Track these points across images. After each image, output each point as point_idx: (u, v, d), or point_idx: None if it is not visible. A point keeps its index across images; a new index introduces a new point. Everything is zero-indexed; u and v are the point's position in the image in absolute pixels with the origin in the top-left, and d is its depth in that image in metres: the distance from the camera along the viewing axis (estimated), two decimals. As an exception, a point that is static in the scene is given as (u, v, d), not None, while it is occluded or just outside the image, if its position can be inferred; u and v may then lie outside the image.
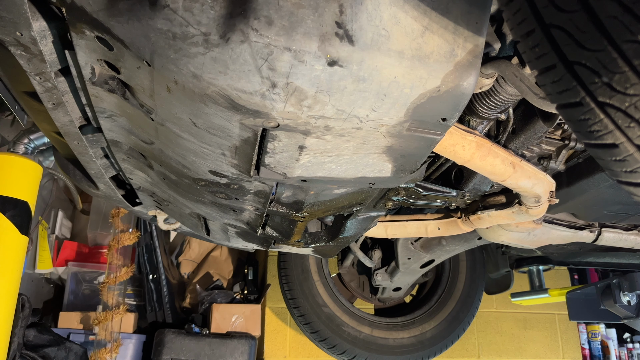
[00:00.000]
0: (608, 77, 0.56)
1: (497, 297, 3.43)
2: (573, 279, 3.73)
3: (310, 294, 2.63)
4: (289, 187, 1.17)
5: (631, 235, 1.82)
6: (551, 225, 1.75)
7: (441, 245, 2.19)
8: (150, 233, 3.12)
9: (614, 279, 2.20)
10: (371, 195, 1.30)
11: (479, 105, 1.13)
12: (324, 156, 0.96)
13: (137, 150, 1.21)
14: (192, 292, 3.22)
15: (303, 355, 3.07)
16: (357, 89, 0.78)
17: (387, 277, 2.60)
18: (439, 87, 0.81)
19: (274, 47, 0.71)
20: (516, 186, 1.30)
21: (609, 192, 1.46)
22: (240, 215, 1.40)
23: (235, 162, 1.01)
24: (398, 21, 0.74)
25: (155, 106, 0.91)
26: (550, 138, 1.44)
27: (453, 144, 1.11)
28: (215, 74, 0.75)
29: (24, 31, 0.78)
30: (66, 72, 0.92)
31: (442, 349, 2.72)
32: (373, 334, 2.65)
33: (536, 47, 0.63)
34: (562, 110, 0.65)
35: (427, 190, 1.46)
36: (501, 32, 0.95)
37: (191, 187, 1.24)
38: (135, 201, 1.61)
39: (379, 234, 1.84)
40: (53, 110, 1.02)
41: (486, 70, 0.98)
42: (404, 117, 0.86)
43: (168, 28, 0.71)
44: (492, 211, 1.55)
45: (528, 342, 3.50)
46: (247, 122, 0.85)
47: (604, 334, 3.59)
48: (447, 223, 1.74)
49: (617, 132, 0.59)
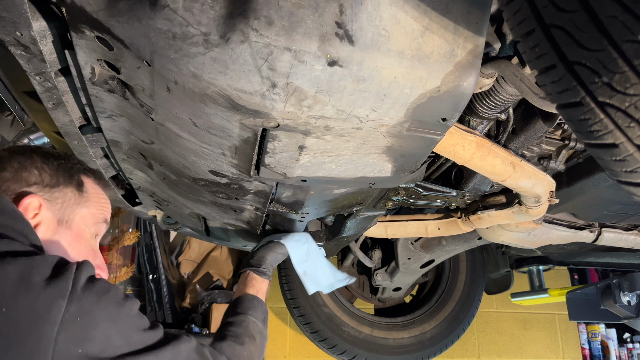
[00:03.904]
0: (608, 77, 0.56)
1: (497, 297, 3.43)
2: (573, 279, 3.74)
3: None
4: (289, 187, 1.17)
5: (631, 235, 1.82)
6: (551, 225, 1.75)
7: (441, 245, 2.19)
8: (150, 233, 3.11)
9: (614, 279, 2.20)
10: (371, 195, 1.30)
11: (479, 105, 1.13)
12: (324, 156, 0.96)
13: (137, 150, 1.20)
14: (192, 292, 3.22)
15: (303, 355, 3.07)
16: (357, 89, 0.78)
17: (387, 277, 2.60)
18: (439, 87, 0.81)
19: (274, 47, 0.71)
20: (516, 186, 1.30)
21: (609, 192, 1.46)
22: (240, 215, 1.40)
23: (235, 162, 1.01)
24: (398, 21, 0.74)
25: (155, 106, 0.91)
26: (550, 138, 1.44)
27: (453, 144, 1.11)
28: (215, 74, 0.75)
29: (24, 31, 0.78)
30: (66, 72, 0.92)
31: (442, 349, 2.72)
32: (373, 334, 2.65)
33: (536, 47, 0.63)
34: (562, 110, 0.65)
35: (427, 190, 1.46)
36: (501, 32, 0.95)
37: (191, 187, 1.24)
38: (135, 201, 1.61)
39: (379, 234, 1.84)
40: (53, 110, 1.02)
41: (486, 70, 0.98)
42: (404, 117, 0.86)
43: (168, 28, 0.71)
44: (492, 211, 1.55)
45: (528, 342, 3.50)
46: (247, 122, 0.85)
47: (604, 334, 3.59)
48: (447, 223, 1.74)
49: (617, 132, 0.59)
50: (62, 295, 0.65)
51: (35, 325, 0.62)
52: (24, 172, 0.83)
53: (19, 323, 0.62)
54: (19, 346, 0.61)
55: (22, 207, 0.79)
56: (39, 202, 0.81)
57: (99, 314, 0.68)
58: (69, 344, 0.64)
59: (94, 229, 0.92)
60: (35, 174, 0.84)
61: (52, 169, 0.86)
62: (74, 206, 0.87)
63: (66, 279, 0.67)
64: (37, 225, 0.81)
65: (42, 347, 0.62)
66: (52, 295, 0.65)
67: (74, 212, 0.87)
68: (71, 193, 0.88)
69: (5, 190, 0.80)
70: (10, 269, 0.64)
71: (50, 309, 0.64)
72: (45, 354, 0.62)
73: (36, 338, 0.62)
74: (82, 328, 0.65)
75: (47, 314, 0.63)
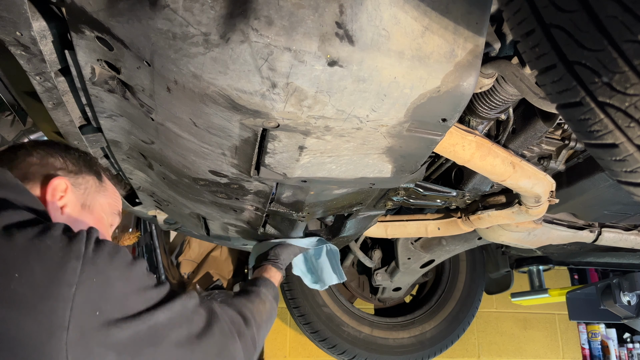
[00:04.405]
0: (608, 77, 0.56)
1: (497, 297, 3.43)
2: (573, 279, 3.73)
3: (310, 294, 2.63)
4: (289, 187, 1.17)
5: (631, 235, 1.82)
6: (551, 225, 1.75)
7: (441, 245, 2.19)
8: (150, 233, 3.11)
9: (614, 279, 2.20)
10: (371, 195, 1.30)
11: (479, 105, 1.13)
12: (324, 156, 0.96)
13: (137, 150, 1.20)
14: (192, 292, 3.22)
15: (303, 355, 3.07)
16: (357, 89, 0.78)
17: (387, 277, 2.60)
18: (439, 88, 0.81)
19: (274, 47, 0.71)
20: (516, 186, 1.30)
21: (609, 192, 1.46)
22: (240, 214, 1.40)
23: (235, 162, 1.01)
24: (398, 21, 0.74)
25: (155, 106, 0.91)
26: (550, 138, 1.44)
27: (453, 144, 1.11)
28: (215, 74, 0.75)
29: (24, 31, 0.78)
30: (66, 72, 0.92)
31: (442, 349, 2.72)
32: (373, 334, 2.65)
33: (536, 47, 0.63)
34: (562, 110, 0.65)
35: (427, 190, 1.46)
36: (501, 32, 0.95)
37: (191, 186, 1.24)
38: (135, 201, 1.61)
39: (379, 233, 1.84)
40: (53, 110, 1.02)
41: (486, 70, 0.98)
42: (404, 118, 0.86)
43: (168, 28, 0.71)
44: (492, 211, 1.55)
45: (528, 342, 3.50)
46: (247, 122, 0.85)
47: (604, 334, 3.59)
48: (447, 223, 1.74)
49: (617, 132, 0.59)
50: (75, 256, 0.66)
51: (51, 288, 0.62)
52: (50, 158, 0.87)
53: (34, 287, 0.62)
54: (36, 309, 0.61)
55: (50, 187, 0.82)
56: (65, 184, 0.84)
57: (113, 273, 0.69)
58: (86, 305, 0.64)
59: (110, 219, 0.96)
60: (60, 160, 0.87)
61: (75, 159, 0.91)
62: (95, 194, 0.91)
63: (78, 240, 0.68)
64: (63, 206, 0.83)
65: (59, 309, 0.61)
66: (65, 257, 0.65)
67: (95, 200, 0.91)
68: (92, 181, 0.91)
69: (33, 173, 0.83)
70: (18, 238, 0.64)
71: (65, 270, 0.64)
72: (63, 315, 0.61)
73: (53, 300, 0.62)
74: (98, 288, 0.66)
75: (63, 275, 0.63)
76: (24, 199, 0.75)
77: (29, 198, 0.77)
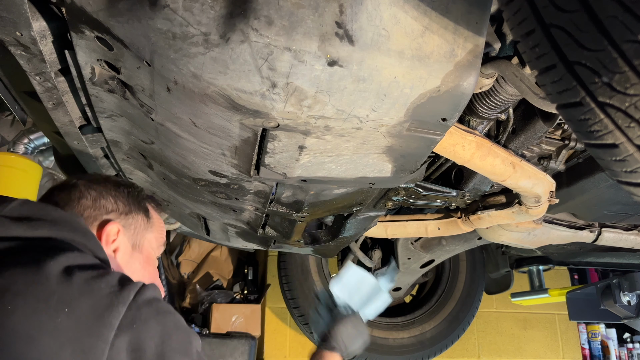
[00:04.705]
0: (608, 77, 0.56)
1: (497, 297, 3.42)
2: (573, 279, 3.73)
3: (310, 294, 2.63)
4: (289, 187, 1.17)
5: (631, 235, 1.82)
6: (551, 225, 1.75)
7: (441, 245, 2.19)
8: (150, 233, 3.11)
9: (614, 279, 2.20)
10: (371, 195, 1.30)
11: (479, 105, 1.13)
12: (324, 156, 0.96)
13: (137, 150, 1.21)
14: (192, 292, 3.22)
15: (303, 355, 3.07)
16: (357, 89, 0.78)
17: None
18: (439, 87, 0.81)
19: (274, 47, 0.71)
20: (516, 186, 1.30)
21: (609, 192, 1.46)
22: (240, 215, 1.40)
23: (235, 162, 1.01)
24: (398, 21, 0.74)
25: (155, 106, 0.91)
26: (550, 138, 1.44)
27: (453, 144, 1.11)
28: (215, 74, 0.75)
29: (24, 31, 0.78)
30: (66, 72, 0.92)
31: (442, 349, 2.72)
32: (373, 334, 2.65)
33: (536, 47, 0.63)
34: (562, 110, 0.65)
35: (427, 190, 1.46)
36: (501, 32, 0.95)
37: (191, 187, 1.24)
38: (135, 201, 1.61)
39: (379, 234, 1.84)
40: (53, 110, 1.02)
41: (486, 70, 0.98)
42: (404, 117, 0.86)
43: (168, 28, 0.71)
44: (492, 211, 1.55)
45: (528, 342, 3.50)
46: (247, 122, 0.85)
47: (604, 334, 3.59)
48: (447, 223, 1.74)
49: (617, 132, 0.59)
50: (123, 302, 0.67)
51: (95, 326, 0.64)
52: (102, 199, 0.88)
53: (79, 322, 0.63)
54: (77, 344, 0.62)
55: (104, 233, 0.85)
56: (117, 228, 0.87)
57: (155, 327, 0.69)
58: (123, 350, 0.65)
59: (158, 252, 0.98)
60: (111, 201, 0.89)
61: (125, 197, 0.92)
62: (144, 231, 0.93)
63: (130, 289, 0.69)
64: (115, 249, 0.86)
65: (98, 348, 0.63)
66: (114, 301, 0.66)
67: (144, 237, 0.93)
68: (141, 219, 0.93)
69: (87, 217, 0.85)
70: (77, 277, 0.66)
71: (110, 312, 0.65)
72: (101, 355, 0.63)
73: (95, 338, 0.63)
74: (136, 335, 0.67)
75: (108, 317, 0.65)
76: (91, 244, 0.78)
77: (94, 244, 0.79)
